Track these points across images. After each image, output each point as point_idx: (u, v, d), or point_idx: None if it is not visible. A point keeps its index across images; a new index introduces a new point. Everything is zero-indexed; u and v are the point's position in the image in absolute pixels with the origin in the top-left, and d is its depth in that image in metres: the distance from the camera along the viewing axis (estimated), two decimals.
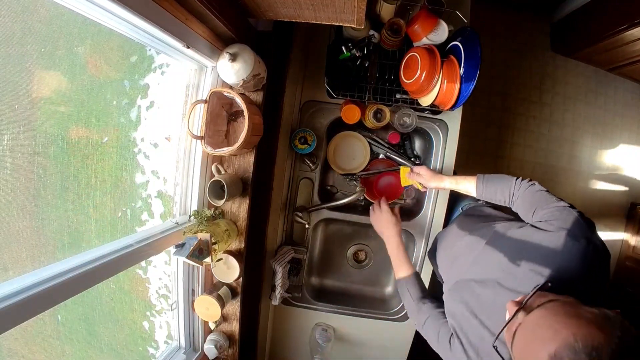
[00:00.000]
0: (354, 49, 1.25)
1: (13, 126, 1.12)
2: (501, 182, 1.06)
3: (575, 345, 0.49)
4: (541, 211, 0.87)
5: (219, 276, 1.14)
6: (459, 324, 0.86)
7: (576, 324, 0.51)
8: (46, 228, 1.43)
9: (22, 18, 1.25)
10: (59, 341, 2.16)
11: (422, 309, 1.02)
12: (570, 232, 0.75)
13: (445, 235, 1.25)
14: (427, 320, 0.99)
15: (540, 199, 0.91)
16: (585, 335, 0.49)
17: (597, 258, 0.71)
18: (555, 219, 0.81)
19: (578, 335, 0.49)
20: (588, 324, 0.51)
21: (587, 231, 0.75)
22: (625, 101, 2.76)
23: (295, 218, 1.44)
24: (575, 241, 0.73)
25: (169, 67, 1.87)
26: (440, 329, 0.92)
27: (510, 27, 2.67)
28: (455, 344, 0.85)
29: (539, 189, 0.95)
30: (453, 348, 0.85)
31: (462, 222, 1.19)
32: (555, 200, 0.87)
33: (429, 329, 0.97)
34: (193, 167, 1.12)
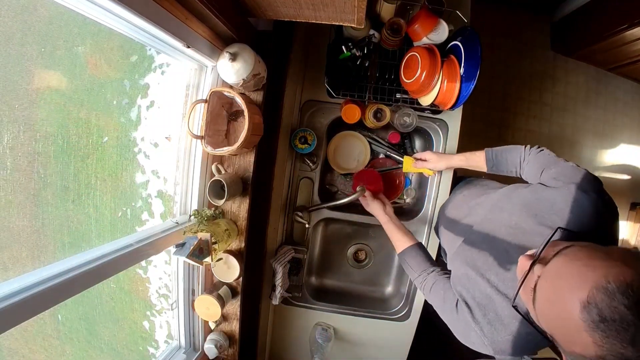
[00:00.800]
0: (354, 48, 1.25)
1: (13, 126, 1.12)
2: (511, 152, 1.05)
3: (608, 287, 0.45)
4: (549, 170, 0.85)
5: (219, 276, 1.14)
6: (465, 287, 0.83)
7: (603, 265, 0.47)
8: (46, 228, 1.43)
9: (22, 18, 1.25)
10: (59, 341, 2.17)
11: (427, 279, 0.99)
12: (580, 186, 0.73)
13: (447, 205, 1.24)
14: (433, 287, 0.96)
15: (548, 160, 0.90)
16: (616, 274, 0.45)
17: (608, 212, 0.69)
18: (563, 176, 0.79)
19: (609, 275, 0.46)
20: (615, 262, 0.47)
21: (597, 186, 0.73)
22: (625, 101, 2.76)
23: (296, 218, 1.44)
24: (585, 194, 0.71)
25: (169, 66, 1.87)
26: (445, 292, 0.89)
27: (510, 26, 2.67)
28: (461, 308, 0.81)
29: (548, 153, 0.95)
30: (459, 312, 0.82)
31: (464, 189, 1.19)
32: (563, 161, 0.86)
33: (435, 294, 0.94)
34: (193, 167, 1.12)
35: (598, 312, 0.45)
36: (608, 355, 0.44)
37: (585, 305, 0.46)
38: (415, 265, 1.05)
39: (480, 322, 0.77)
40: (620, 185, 2.82)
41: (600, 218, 0.68)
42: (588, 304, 0.46)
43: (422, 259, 1.06)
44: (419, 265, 1.05)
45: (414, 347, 1.55)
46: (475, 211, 0.98)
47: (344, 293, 1.66)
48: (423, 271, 1.02)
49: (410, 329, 1.53)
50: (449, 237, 1.09)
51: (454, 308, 0.84)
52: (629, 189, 2.82)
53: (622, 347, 0.43)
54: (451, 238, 1.05)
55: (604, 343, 0.44)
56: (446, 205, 1.26)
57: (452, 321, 0.85)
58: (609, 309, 0.44)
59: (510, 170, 1.04)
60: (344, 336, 1.56)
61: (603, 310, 0.44)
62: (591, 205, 0.69)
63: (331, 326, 1.53)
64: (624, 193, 2.82)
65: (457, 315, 0.83)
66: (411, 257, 1.07)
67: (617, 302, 0.44)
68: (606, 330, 0.44)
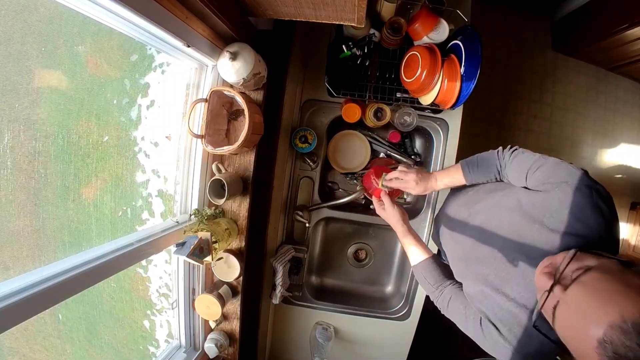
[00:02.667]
0: (354, 47, 1.25)
1: (13, 125, 1.12)
2: (485, 161, 1.01)
3: (623, 326, 0.45)
4: (533, 174, 0.83)
5: (219, 275, 1.14)
6: (484, 304, 0.81)
7: (621, 302, 0.47)
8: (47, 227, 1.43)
9: (22, 17, 1.25)
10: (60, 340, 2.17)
11: (443, 293, 0.97)
12: (571, 183, 0.72)
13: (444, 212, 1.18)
14: (450, 302, 0.93)
15: (527, 162, 0.87)
16: (632, 311, 0.45)
17: (604, 202, 0.68)
18: (550, 177, 0.78)
19: (625, 313, 0.46)
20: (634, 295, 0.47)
21: (586, 179, 0.72)
22: (626, 100, 2.75)
23: (296, 217, 1.44)
24: (578, 191, 0.70)
25: (169, 66, 1.87)
26: (467, 309, 0.87)
27: (511, 26, 2.66)
28: (486, 326, 0.80)
29: (522, 152, 0.92)
30: (486, 333, 0.80)
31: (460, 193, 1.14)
32: (543, 159, 0.84)
33: (454, 311, 0.92)
34: (193, 166, 1.12)
35: (613, 349, 0.45)
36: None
37: (602, 342, 0.47)
38: (432, 279, 1.02)
39: (508, 338, 0.76)
40: (620, 184, 2.81)
41: (599, 210, 0.67)
42: (604, 342, 0.46)
43: (438, 272, 1.02)
44: (436, 279, 1.01)
45: (414, 346, 1.55)
46: (474, 220, 0.95)
47: (344, 292, 1.66)
48: (440, 285, 1.00)
49: (410, 328, 1.53)
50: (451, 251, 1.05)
51: (478, 326, 0.82)
52: (629, 188, 2.82)
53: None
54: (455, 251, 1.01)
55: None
56: (443, 211, 1.20)
57: (479, 339, 0.83)
58: (624, 348, 0.45)
59: (491, 179, 1.01)
60: (344, 335, 1.56)
61: (618, 349, 0.45)
62: (588, 201, 0.68)
63: (331, 325, 1.53)
64: (624, 193, 2.81)
65: (483, 333, 0.81)
66: (428, 270, 1.04)
67: (632, 342, 0.44)
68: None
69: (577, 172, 0.74)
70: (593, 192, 0.69)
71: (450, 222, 1.08)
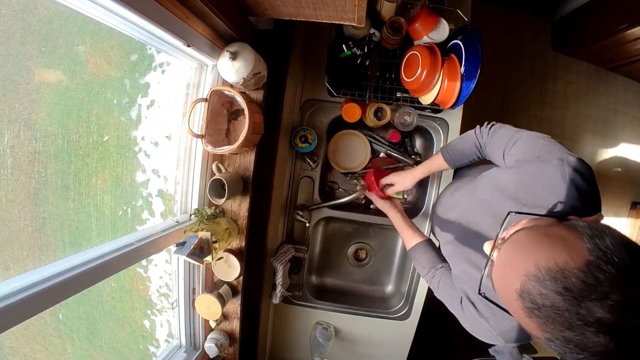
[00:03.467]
0: (354, 47, 1.25)
1: (14, 125, 1.12)
2: (463, 142, 1.03)
3: (538, 274, 0.45)
4: (509, 151, 0.84)
5: (219, 275, 1.14)
6: (465, 283, 0.84)
7: (536, 251, 0.48)
8: (47, 227, 1.43)
9: (22, 17, 1.25)
10: (60, 339, 2.17)
11: (435, 275, 1.01)
12: (543, 158, 0.72)
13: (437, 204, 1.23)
14: (440, 283, 0.97)
15: (505, 138, 0.87)
16: (546, 259, 0.45)
17: (577, 174, 0.67)
18: (523, 153, 0.79)
19: (539, 262, 0.46)
20: (551, 246, 0.47)
21: (557, 152, 0.72)
22: (626, 99, 2.75)
23: (296, 217, 1.44)
24: (550, 165, 0.70)
25: (169, 65, 1.87)
26: (452, 289, 0.90)
27: (511, 25, 2.66)
28: (466, 304, 0.83)
29: (499, 127, 0.93)
30: (466, 311, 0.83)
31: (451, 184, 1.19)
32: (518, 134, 0.84)
33: (442, 292, 0.96)
34: (194, 166, 1.12)
35: (530, 299, 0.46)
36: (554, 338, 0.44)
37: (520, 294, 0.47)
38: (425, 261, 1.07)
39: (485, 315, 0.78)
40: (620, 184, 2.81)
41: (571, 182, 0.66)
42: (522, 292, 0.47)
43: (431, 255, 1.07)
44: (429, 261, 1.06)
45: (414, 346, 1.55)
46: (460, 205, 0.98)
47: (345, 292, 1.67)
48: (432, 267, 1.04)
49: (410, 328, 1.53)
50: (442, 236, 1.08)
51: (459, 305, 0.85)
52: (629, 188, 2.82)
53: (561, 330, 0.43)
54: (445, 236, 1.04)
55: (544, 328, 0.45)
56: (437, 201, 1.25)
57: (460, 318, 0.86)
58: (540, 296, 0.45)
59: (473, 159, 1.03)
60: (345, 335, 1.57)
61: (535, 298, 0.45)
62: (557, 172, 0.68)
63: (331, 325, 1.53)
64: (625, 192, 2.81)
65: (463, 312, 0.84)
66: (421, 253, 1.09)
67: (547, 289, 0.44)
68: (542, 317, 0.45)
69: (550, 146, 0.74)
70: (564, 164, 0.68)
71: (442, 209, 1.12)
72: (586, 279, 0.42)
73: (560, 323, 0.43)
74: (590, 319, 0.41)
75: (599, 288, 0.41)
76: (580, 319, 0.42)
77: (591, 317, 0.41)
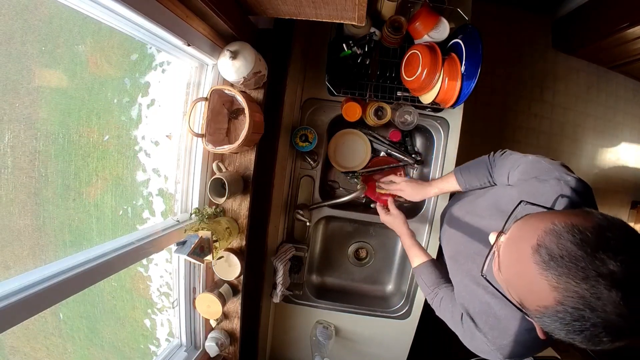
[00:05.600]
0: (354, 46, 1.25)
1: (14, 124, 1.12)
2: (476, 166, 1.06)
3: (554, 228, 0.48)
4: (514, 172, 0.87)
5: (220, 274, 1.14)
6: (466, 299, 0.86)
7: (554, 214, 0.51)
8: (47, 226, 1.43)
9: (22, 17, 1.25)
10: (61, 339, 2.17)
11: (438, 294, 1.03)
12: (539, 177, 0.75)
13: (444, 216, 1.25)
14: (442, 302, 0.99)
15: (512, 161, 0.91)
16: (563, 218, 0.49)
17: (574, 194, 0.69)
18: (525, 173, 0.81)
19: (556, 220, 0.49)
20: (567, 213, 0.51)
21: (556, 172, 0.74)
22: (626, 98, 2.75)
23: (296, 216, 1.44)
24: (545, 182, 0.72)
25: (169, 65, 1.87)
26: (453, 307, 0.92)
27: (511, 24, 2.66)
28: (465, 320, 0.85)
29: (510, 154, 0.96)
30: (465, 327, 0.85)
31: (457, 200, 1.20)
32: (525, 157, 0.87)
33: (443, 309, 0.98)
34: (194, 165, 1.12)
35: (547, 251, 0.47)
36: (565, 298, 0.45)
37: (536, 249, 0.48)
38: (430, 281, 1.08)
39: (483, 330, 0.79)
40: (620, 183, 2.81)
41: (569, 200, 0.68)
42: (538, 247, 0.48)
43: (436, 275, 1.09)
44: (433, 281, 1.07)
45: (415, 345, 1.55)
46: (462, 221, 1.00)
47: (345, 291, 1.67)
48: (435, 287, 1.05)
49: (411, 327, 1.53)
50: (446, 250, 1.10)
51: (459, 321, 0.87)
52: (630, 187, 2.82)
53: (575, 284, 0.44)
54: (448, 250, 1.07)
55: (558, 283, 0.46)
56: (445, 212, 1.26)
57: (460, 334, 0.88)
58: (557, 247, 0.46)
59: (484, 182, 1.05)
60: (345, 334, 1.57)
61: (552, 249, 0.47)
62: (553, 190, 0.70)
63: (332, 324, 1.53)
64: (625, 191, 2.81)
65: (462, 328, 0.86)
66: (426, 273, 1.10)
67: (564, 239, 0.46)
68: (557, 268, 0.46)
69: (550, 166, 0.76)
70: (562, 182, 0.70)
71: (449, 222, 1.13)
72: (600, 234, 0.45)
73: (575, 275, 0.44)
74: (604, 270, 0.43)
75: (611, 243, 0.44)
76: (595, 270, 0.43)
77: (605, 268, 0.43)
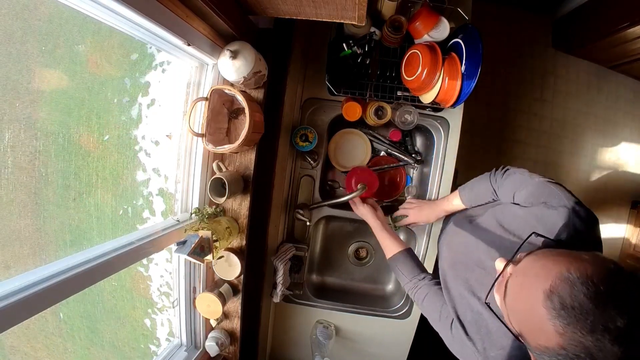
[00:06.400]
0: (355, 46, 1.25)
1: (14, 124, 1.12)
2: (480, 185, 1.07)
3: (569, 277, 0.48)
4: (520, 193, 0.87)
5: (220, 273, 1.14)
6: (460, 305, 0.87)
7: (568, 260, 0.51)
8: (47, 226, 1.43)
9: (22, 16, 1.25)
10: (61, 338, 2.17)
11: (419, 286, 1.03)
12: (548, 203, 0.76)
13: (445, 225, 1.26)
14: (426, 298, 1.00)
15: (517, 182, 0.92)
16: (578, 266, 0.49)
17: (581, 223, 0.70)
18: (533, 196, 0.82)
19: (571, 267, 0.49)
20: (580, 259, 0.51)
21: (565, 199, 0.74)
22: (627, 98, 2.75)
23: (297, 215, 1.44)
24: (554, 210, 0.73)
25: (169, 64, 1.87)
26: (442, 310, 0.93)
27: (511, 24, 2.66)
28: (456, 327, 0.86)
29: (513, 172, 0.96)
30: (454, 331, 0.86)
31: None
32: (531, 179, 0.88)
33: (430, 307, 0.98)
34: (194, 165, 1.12)
35: (560, 299, 0.48)
36: (569, 345, 0.46)
37: (549, 294, 0.49)
38: (406, 270, 1.09)
39: (474, 339, 0.81)
40: (621, 183, 2.81)
41: (574, 230, 0.69)
42: (551, 293, 0.49)
43: (412, 264, 1.10)
44: (411, 270, 1.08)
45: (415, 345, 1.55)
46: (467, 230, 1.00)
47: (345, 291, 1.67)
48: (414, 277, 1.06)
49: (411, 326, 1.53)
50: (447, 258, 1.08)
51: (448, 328, 0.88)
52: (630, 187, 2.82)
53: (581, 335, 0.45)
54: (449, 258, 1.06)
55: (565, 331, 0.47)
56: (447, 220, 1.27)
57: (447, 338, 0.90)
58: (570, 297, 0.47)
59: (488, 201, 1.06)
60: (345, 334, 1.57)
61: (564, 298, 0.47)
62: (561, 219, 0.71)
63: (332, 324, 1.53)
64: (625, 191, 2.81)
65: (451, 334, 0.87)
66: (401, 262, 1.11)
67: (578, 290, 0.47)
68: (567, 318, 0.46)
69: (559, 193, 0.77)
70: (569, 211, 0.71)
71: (450, 229, 1.14)
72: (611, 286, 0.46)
73: (582, 327, 0.45)
74: (611, 326, 0.44)
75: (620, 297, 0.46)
76: (603, 324, 0.44)
77: (612, 324, 0.44)
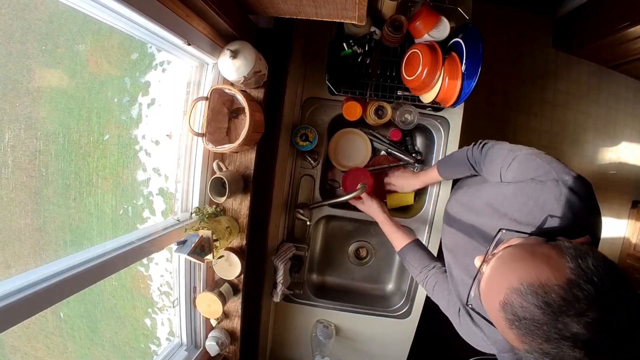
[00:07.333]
0: (355, 45, 1.25)
1: (15, 124, 1.12)
2: (455, 161, 1.07)
3: (520, 288, 0.49)
4: (506, 171, 0.84)
5: (220, 273, 1.14)
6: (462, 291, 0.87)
7: (522, 267, 0.51)
8: (48, 226, 1.43)
9: (22, 16, 1.25)
10: (61, 338, 2.18)
11: (429, 275, 1.04)
12: (537, 178, 0.73)
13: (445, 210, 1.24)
14: (435, 286, 1.00)
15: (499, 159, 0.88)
16: (529, 275, 0.49)
17: (573, 194, 0.67)
18: (520, 173, 0.79)
19: (522, 277, 0.49)
20: (535, 263, 0.50)
21: (553, 172, 0.71)
22: (627, 98, 2.75)
23: (297, 215, 1.44)
24: (542, 185, 0.70)
25: (169, 64, 1.87)
26: (450, 296, 0.93)
27: (512, 23, 2.66)
28: (463, 315, 0.86)
29: (491, 146, 0.94)
30: (462, 321, 0.87)
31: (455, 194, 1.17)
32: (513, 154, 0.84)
33: (439, 295, 0.99)
34: (194, 165, 1.12)
35: (512, 310, 0.49)
36: (533, 351, 0.47)
37: (503, 305, 0.50)
38: (416, 261, 1.09)
39: (480, 324, 0.80)
40: (621, 183, 2.81)
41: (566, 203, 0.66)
42: (505, 304, 0.50)
43: (422, 255, 1.10)
44: (420, 261, 1.08)
45: (415, 344, 1.55)
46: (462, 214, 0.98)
47: (345, 290, 1.67)
48: (424, 267, 1.06)
49: (411, 326, 1.53)
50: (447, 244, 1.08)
51: (456, 315, 0.89)
52: (630, 187, 2.81)
53: (539, 342, 0.46)
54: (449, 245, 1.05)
55: (523, 340, 0.48)
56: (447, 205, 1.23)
57: (457, 325, 0.90)
58: (521, 309, 0.48)
59: (467, 175, 1.06)
60: (345, 333, 1.57)
61: (516, 309, 0.48)
62: (553, 193, 0.68)
63: (332, 323, 1.53)
64: (626, 191, 2.81)
65: (459, 321, 0.88)
66: (411, 254, 1.11)
67: (528, 302, 0.47)
68: (522, 328, 0.48)
69: (546, 165, 0.74)
70: (560, 184, 0.68)
71: (448, 216, 1.12)
72: (565, 295, 0.45)
73: (538, 335, 0.46)
74: (566, 334, 0.44)
75: (576, 305, 0.44)
76: (557, 333, 0.45)
77: (568, 331, 0.44)
